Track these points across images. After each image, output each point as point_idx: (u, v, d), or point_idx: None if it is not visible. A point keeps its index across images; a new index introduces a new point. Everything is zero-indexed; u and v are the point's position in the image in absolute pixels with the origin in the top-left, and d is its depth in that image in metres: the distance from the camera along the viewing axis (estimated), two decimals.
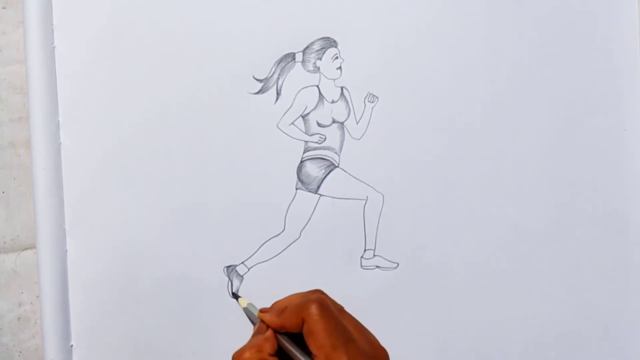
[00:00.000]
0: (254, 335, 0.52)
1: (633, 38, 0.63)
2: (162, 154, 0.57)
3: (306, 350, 0.48)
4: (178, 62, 0.57)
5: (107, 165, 0.57)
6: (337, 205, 0.59)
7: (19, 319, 0.58)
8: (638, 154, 0.63)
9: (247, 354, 0.48)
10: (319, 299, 0.48)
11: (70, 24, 0.56)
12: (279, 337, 0.50)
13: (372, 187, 0.59)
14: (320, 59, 0.59)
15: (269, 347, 0.49)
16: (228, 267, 0.58)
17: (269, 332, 0.50)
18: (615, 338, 0.62)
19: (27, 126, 0.57)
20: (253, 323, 0.56)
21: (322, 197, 0.59)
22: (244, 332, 0.58)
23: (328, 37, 0.59)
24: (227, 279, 0.58)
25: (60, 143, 0.56)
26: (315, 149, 0.59)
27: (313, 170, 0.59)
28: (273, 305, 0.53)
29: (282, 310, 0.50)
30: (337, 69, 0.59)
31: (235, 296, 0.57)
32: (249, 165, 0.58)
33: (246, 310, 0.56)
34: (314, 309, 0.47)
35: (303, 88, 0.59)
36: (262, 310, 0.53)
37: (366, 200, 0.59)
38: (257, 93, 0.58)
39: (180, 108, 0.57)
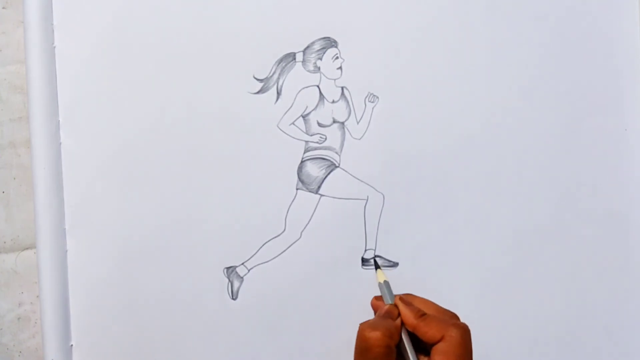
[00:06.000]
0: (383, 315, 0.53)
1: (633, 38, 0.63)
2: (162, 154, 0.57)
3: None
4: (178, 62, 0.57)
5: (107, 165, 0.57)
6: (337, 206, 0.59)
7: (19, 319, 0.58)
8: (638, 153, 0.63)
9: (379, 334, 0.49)
10: (467, 328, 0.50)
11: (70, 24, 0.56)
12: (404, 333, 0.52)
13: (372, 187, 0.59)
14: (321, 59, 0.59)
15: (396, 337, 0.51)
16: (228, 268, 0.58)
17: (399, 322, 0.52)
18: (615, 338, 0.62)
19: (27, 126, 0.57)
20: (384, 299, 0.55)
21: (322, 197, 0.59)
22: (244, 332, 0.58)
23: (328, 37, 0.59)
24: (227, 280, 0.58)
25: (60, 143, 0.56)
26: (315, 149, 0.59)
27: (313, 170, 0.59)
28: (410, 299, 0.54)
29: (422, 315, 0.51)
30: (337, 69, 0.59)
31: (376, 266, 0.58)
32: (249, 166, 0.58)
33: (380, 285, 0.56)
34: (460, 335, 0.49)
35: (303, 88, 0.59)
36: (400, 299, 0.54)
37: (367, 200, 0.59)
38: (257, 93, 0.58)
39: (180, 108, 0.57)
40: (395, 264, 0.59)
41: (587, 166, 0.62)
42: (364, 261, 0.59)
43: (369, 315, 0.57)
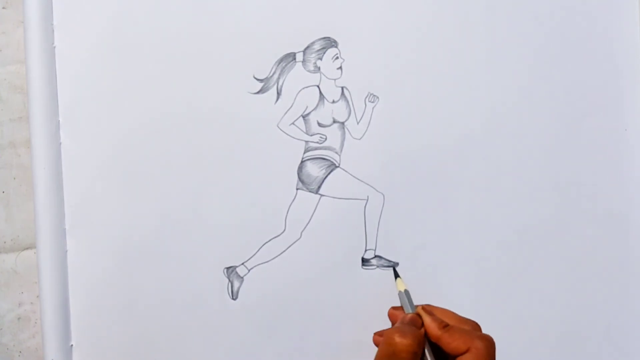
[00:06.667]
0: (407, 323, 0.52)
1: (633, 38, 0.63)
2: (162, 154, 0.57)
3: None
4: (178, 62, 0.57)
5: (107, 165, 0.57)
6: (337, 206, 0.59)
7: (19, 319, 0.58)
8: (638, 153, 0.63)
9: (409, 341, 0.49)
10: (492, 340, 0.50)
11: (70, 24, 0.56)
12: (427, 343, 0.51)
13: (372, 187, 0.59)
14: (321, 59, 0.59)
15: (422, 346, 0.50)
16: (228, 268, 0.58)
17: (423, 332, 0.51)
18: (615, 338, 0.62)
19: (27, 126, 0.57)
20: (404, 307, 0.55)
21: (322, 197, 0.59)
22: (244, 332, 0.58)
23: (328, 37, 0.59)
24: (227, 280, 0.58)
25: (60, 143, 0.56)
26: (315, 149, 0.59)
27: (314, 170, 0.59)
28: (431, 309, 0.53)
29: (445, 326, 0.51)
30: (337, 69, 0.59)
31: (396, 274, 0.57)
32: (249, 166, 0.58)
33: (400, 294, 0.55)
34: (485, 347, 0.49)
35: (303, 88, 0.59)
36: (424, 309, 0.53)
37: (367, 200, 0.59)
38: (258, 93, 0.58)
39: (180, 108, 0.57)
40: (395, 264, 0.59)
41: (587, 166, 0.62)
42: (364, 261, 0.59)
43: (369, 315, 0.57)
